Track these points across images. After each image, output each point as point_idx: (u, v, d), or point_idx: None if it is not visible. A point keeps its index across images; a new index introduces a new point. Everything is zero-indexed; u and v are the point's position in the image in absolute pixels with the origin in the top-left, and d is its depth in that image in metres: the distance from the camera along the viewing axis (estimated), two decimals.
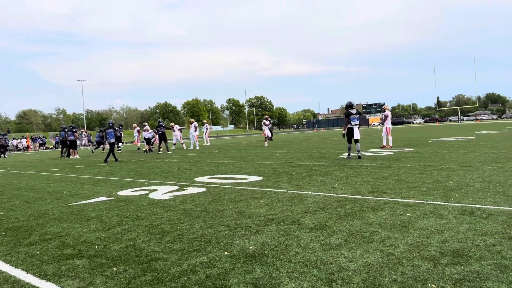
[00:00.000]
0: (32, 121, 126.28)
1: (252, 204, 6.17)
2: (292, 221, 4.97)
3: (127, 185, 9.22)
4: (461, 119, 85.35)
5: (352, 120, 12.46)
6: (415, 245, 3.79)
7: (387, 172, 8.83)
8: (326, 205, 5.77)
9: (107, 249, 4.20)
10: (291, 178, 8.78)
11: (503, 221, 4.42)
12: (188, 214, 5.68)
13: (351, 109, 12.58)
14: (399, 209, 5.26)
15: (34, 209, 6.75)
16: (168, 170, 12.18)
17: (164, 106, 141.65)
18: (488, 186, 6.53)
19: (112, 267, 3.62)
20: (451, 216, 4.76)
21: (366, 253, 3.66)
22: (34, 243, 4.60)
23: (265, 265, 3.49)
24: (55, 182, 10.56)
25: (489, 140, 17.82)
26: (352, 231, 4.39)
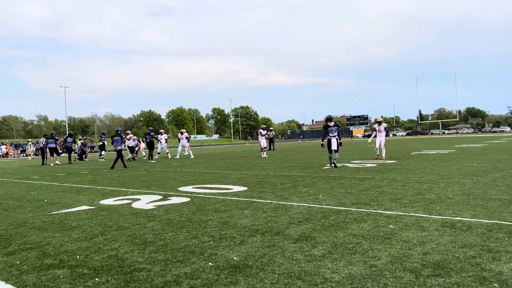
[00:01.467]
0: (13, 127, 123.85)
1: (236, 214, 6.17)
2: (277, 232, 4.99)
3: (109, 194, 9.11)
4: (442, 132, 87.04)
5: (330, 132, 13.65)
6: (398, 257, 3.84)
7: (370, 184, 8.94)
8: (310, 216, 5.80)
9: (89, 259, 4.14)
10: (275, 189, 8.81)
11: (482, 234, 4.52)
12: (171, 224, 5.64)
13: (330, 121, 13.72)
14: (382, 221, 5.33)
15: (13, 218, 6.61)
16: (151, 179, 12.08)
17: (148, 114, 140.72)
18: (468, 199, 6.67)
19: (94, 278, 3.57)
20: (432, 228, 4.84)
21: (349, 264, 3.69)
22: (14, 252, 4.50)
23: (249, 276, 3.49)
24: (35, 190, 10.36)
25: (469, 153, 18.21)
26: (335, 242, 4.43)
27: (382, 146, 16.13)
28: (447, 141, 36.74)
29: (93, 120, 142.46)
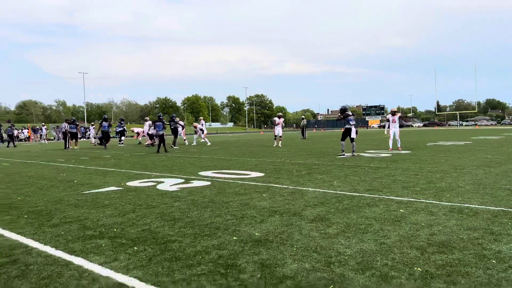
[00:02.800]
0: (32, 112, 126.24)
1: (255, 197, 6.58)
2: (294, 213, 5.38)
3: (134, 176, 9.61)
4: (460, 124, 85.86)
5: (350, 121, 13.83)
6: (406, 236, 4.19)
7: (383, 173, 9.24)
8: (325, 200, 6.17)
9: (125, 232, 4.60)
10: (291, 175, 9.18)
11: (488, 219, 4.83)
12: (196, 204, 6.08)
13: (347, 111, 14.07)
14: (393, 206, 5.67)
15: (50, 196, 7.14)
16: (172, 164, 12.58)
17: (164, 101, 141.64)
18: (478, 188, 6.94)
19: (132, 247, 4.02)
20: (440, 213, 5.17)
21: (361, 241, 4.06)
22: (57, 225, 5.00)
23: (270, 248, 3.89)
24: (64, 172, 10.94)
25: (485, 145, 18.25)
26: (349, 223, 4.80)
27: (397, 136, 16.25)
28: (464, 133, 36.49)
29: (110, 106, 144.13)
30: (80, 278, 3.24)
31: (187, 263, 3.54)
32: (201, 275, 3.26)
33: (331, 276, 3.18)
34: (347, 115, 13.92)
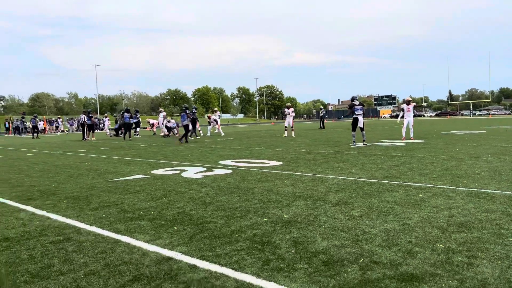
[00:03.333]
0: (45, 104, 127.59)
1: (278, 184, 6.87)
2: (317, 198, 5.66)
3: (157, 165, 9.97)
4: (473, 114, 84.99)
5: (356, 110, 14.14)
6: (426, 218, 4.46)
7: (400, 161, 9.46)
8: (345, 187, 6.45)
9: (162, 214, 4.94)
10: (309, 164, 9.46)
11: (504, 202, 5.07)
12: (223, 190, 6.40)
13: (354, 101, 14.29)
14: (412, 191, 5.92)
15: (82, 183, 7.53)
16: (191, 154, 12.93)
17: (175, 92, 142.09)
18: (494, 175, 7.14)
19: (172, 227, 4.35)
20: (458, 198, 5.41)
21: (384, 222, 4.34)
22: (96, 208, 5.36)
23: (300, 228, 4.19)
24: (88, 162, 11.36)
25: (499, 134, 18.28)
26: (371, 206, 5.07)
27: (411, 126, 16.30)
28: (477, 122, 36.29)
29: (121, 98, 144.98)
30: (131, 253, 3.57)
31: (226, 240, 3.85)
32: (241, 250, 3.57)
33: (360, 252, 3.47)
34: (353, 105, 14.19)
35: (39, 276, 3.11)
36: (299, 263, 3.24)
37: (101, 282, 2.96)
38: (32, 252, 3.67)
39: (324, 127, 31.78)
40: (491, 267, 3.06)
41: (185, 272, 3.11)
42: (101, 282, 2.97)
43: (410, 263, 3.18)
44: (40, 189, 7.02)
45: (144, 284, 2.92)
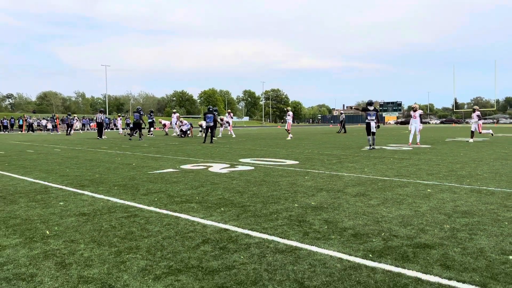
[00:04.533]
0: (52, 102, 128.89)
1: (299, 179, 7.65)
2: (338, 190, 6.44)
3: (183, 161, 10.77)
4: None
5: (369, 116, 14.70)
6: (435, 207, 5.22)
7: (408, 163, 10.22)
8: (361, 182, 7.21)
9: (206, 199, 5.73)
10: (324, 163, 10.22)
11: (503, 197, 5.82)
12: (251, 182, 7.18)
13: (370, 106, 14.76)
14: (421, 187, 6.68)
15: (122, 175, 8.33)
16: (210, 152, 13.73)
17: (181, 94, 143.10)
18: (495, 176, 7.89)
19: (219, 208, 5.14)
20: (462, 193, 6.17)
21: (399, 209, 5.11)
22: (147, 194, 6.16)
23: (328, 212, 4.96)
24: (116, 157, 12.18)
25: (503, 141, 18.98)
26: (386, 197, 5.84)
27: (417, 132, 17.00)
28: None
29: (128, 98, 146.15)
30: (193, 225, 4.36)
31: (268, 218, 4.64)
32: (282, 225, 4.35)
33: (381, 228, 4.24)
34: (366, 109, 14.78)
35: (127, 239, 3.90)
36: (332, 235, 4.01)
37: (179, 243, 3.75)
38: (110, 223, 4.47)
39: (345, 131, 32.40)
40: (487, 241, 3.82)
41: (242, 238, 3.90)
42: (179, 243, 3.76)
43: (422, 237, 3.94)
44: (86, 178, 7.83)
45: (213, 244, 3.71)
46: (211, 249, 3.60)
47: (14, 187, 6.85)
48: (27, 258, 3.38)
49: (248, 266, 3.19)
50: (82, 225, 4.38)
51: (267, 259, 3.34)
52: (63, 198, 5.85)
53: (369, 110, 14.72)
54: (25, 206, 5.34)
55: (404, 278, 2.96)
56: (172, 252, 3.51)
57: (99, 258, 3.38)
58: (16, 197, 6.00)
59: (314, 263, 3.26)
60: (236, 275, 3.02)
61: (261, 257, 3.39)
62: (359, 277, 2.98)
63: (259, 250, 3.58)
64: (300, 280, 2.92)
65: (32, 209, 5.16)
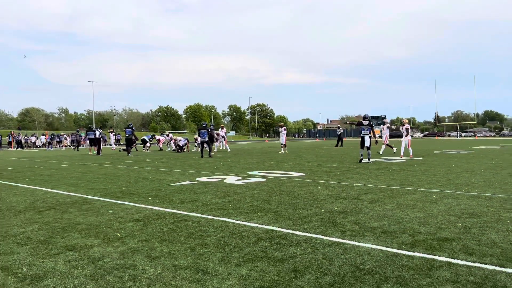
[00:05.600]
0: (35, 119, 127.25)
1: (314, 189, 8.32)
2: (353, 197, 7.13)
3: (195, 174, 11.34)
4: (459, 135, 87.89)
5: (363, 130, 15.25)
6: (444, 210, 5.95)
7: (407, 173, 11.01)
8: (371, 191, 7.93)
9: (239, 207, 6.34)
10: (329, 175, 10.94)
11: (500, 201, 6.60)
12: (271, 192, 7.83)
13: (364, 120, 15.35)
14: (427, 194, 7.43)
15: (146, 187, 8.87)
16: (215, 166, 14.32)
17: (166, 109, 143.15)
18: (489, 184, 8.71)
19: (256, 213, 5.77)
20: (464, 198, 6.93)
21: (413, 213, 5.82)
22: (183, 203, 6.74)
23: (353, 215, 5.64)
24: (129, 171, 12.67)
25: (488, 153, 20.06)
26: (399, 203, 6.56)
27: (408, 146, 17.87)
28: (465, 143, 38.31)
29: (112, 114, 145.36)
30: (241, 227, 4.98)
31: (303, 221, 5.29)
32: (319, 226, 5.01)
33: (404, 227, 4.93)
34: (361, 124, 15.42)
35: (191, 238, 4.50)
36: (365, 233, 4.68)
37: (238, 240, 4.37)
38: (168, 227, 5.05)
39: (342, 145, 33.22)
40: (497, 235, 4.54)
41: (290, 236, 4.54)
42: (238, 240, 4.38)
43: (441, 233, 4.65)
44: (115, 190, 8.36)
45: (268, 241, 4.33)
46: (269, 244, 4.23)
47: (54, 199, 7.35)
48: (118, 253, 3.95)
49: (307, 256, 3.83)
50: (144, 228, 4.96)
51: (320, 251, 3.99)
52: (108, 208, 6.40)
53: (363, 125, 15.42)
54: (79, 215, 5.88)
55: (438, 262, 3.65)
56: (238, 247, 4.13)
57: (179, 252, 3.97)
58: (64, 207, 6.52)
59: (360, 253, 3.93)
60: (301, 261, 3.66)
61: (314, 249, 4.03)
62: (401, 261, 3.66)
63: (309, 244, 4.22)
64: (354, 265, 3.58)
65: (88, 217, 5.70)
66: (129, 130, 23.69)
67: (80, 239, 4.50)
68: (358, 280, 3.22)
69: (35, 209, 6.37)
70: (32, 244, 4.31)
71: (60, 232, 4.85)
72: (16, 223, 5.37)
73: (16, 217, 5.78)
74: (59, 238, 4.54)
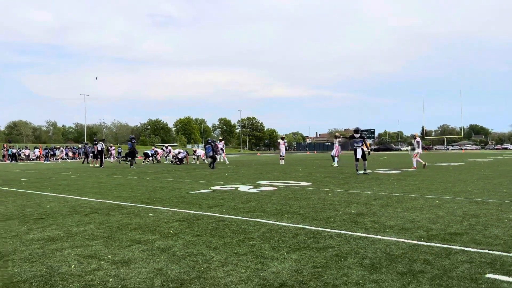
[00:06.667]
0: (22, 132, 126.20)
1: (325, 196, 9.03)
2: (364, 203, 7.86)
3: (208, 184, 11.98)
4: (447, 148, 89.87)
5: (355, 143, 15.95)
6: (448, 212, 6.71)
7: (406, 182, 11.81)
8: (378, 197, 8.67)
9: (265, 210, 7.01)
10: (334, 184, 11.67)
11: (496, 205, 7.39)
12: (288, 198, 8.51)
13: (356, 133, 16.04)
14: (430, 200, 8.20)
15: (169, 194, 9.49)
16: (223, 176, 14.96)
17: (156, 122, 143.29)
18: (483, 191, 9.53)
19: (283, 215, 6.45)
20: (464, 203, 7.71)
21: (422, 214, 6.56)
22: (211, 207, 7.39)
23: (369, 217, 6.36)
24: (141, 182, 13.25)
25: (477, 165, 21.07)
26: (407, 207, 7.30)
27: (414, 156, 18.94)
28: (454, 156, 39.56)
29: (101, 127, 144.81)
30: (274, 225, 5.65)
31: (328, 221, 5.98)
32: (343, 225, 5.71)
33: (418, 226, 5.66)
34: (352, 137, 16.14)
35: (236, 233, 5.16)
36: (386, 230, 5.40)
37: (279, 235, 5.05)
38: (210, 225, 5.70)
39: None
40: (498, 230, 5.30)
41: (321, 232, 5.23)
42: (278, 235, 5.06)
43: (450, 230, 5.39)
44: (141, 197, 8.96)
45: (304, 236, 5.02)
46: (306, 238, 4.92)
47: (90, 205, 7.94)
48: (180, 245, 4.60)
49: (343, 246, 4.53)
50: (190, 227, 5.61)
51: (352, 242, 4.69)
52: (146, 212, 7.02)
53: (355, 138, 16.04)
54: (124, 217, 6.49)
55: (453, 250, 4.37)
56: (281, 240, 4.81)
57: (232, 243, 4.64)
58: (105, 211, 7.12)
59: (387, 243, 4.64)
60: (340, 250, 4.36)
61: (347, 242, 4.74)
62: (423, 249, 4.38)
63: (341, 238, 4.92)
64: (385, 251, 4.29)
65: (133, 219, 6.32)
66: (130, 143, 24.31)
67: (140, 235, 5.13)
68: (392, 262, 3.93)
69: (78, 213, 6.96)
70: (101, 239, 4.93)
71: (117, 230, 5.47)
72: (71, 224, 5.97)
73: (68, 219, 6.37)
74: (121, 235, 5.17)
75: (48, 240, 4.96)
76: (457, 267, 3.76)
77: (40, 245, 4.70)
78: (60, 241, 4.87)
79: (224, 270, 3.69)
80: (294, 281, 3.40)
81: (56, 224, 5.98)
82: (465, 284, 3.32)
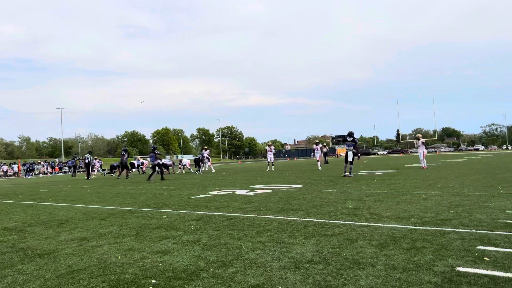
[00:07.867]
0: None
1: (321, 195, 9.66)
2: (358, 199, 8.52)
3: (204, 190, 12.44)
4: None
5: (347, 146, 16.70)
6: (436, 203, 7.43)
7: (390, 181, 12.58)
8: (369, 194, 9.35)
9: (269, 208, 7.57)
10: (325, 185, 12.33)
11: (476, 197, 8.18)
12: (286, 198, 9.09)
13: (349, 137, 16.81)
14: (416, 195, 8.94)
15: (171, 200, 9.92)
16: (214, 182, 15.43)
17: (133, 134, 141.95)
18: (463, 186, 10.36)
19: (288, 212, 7.03)
20: (447, 196, 8.47)
21: (413, 206, 7.25)
22: (219, 208, 7.89)
23: (366, 210, 7.00)
24: (138, 191, 13.59)
25: (453, 165, 22.20)
26: (398, 201, 8.00)
27: (423, 157, 20.16)
28: (430, 158, 41.05)
29: (76, 141, 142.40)
30: (285, 220, 6.22)
31: (331, 215, 6.59)
32: (346, 216, 6.33)
33: (412, 214, 6.34)
34: (345, 140, 17.09)
35: (252, 227, 5.70)
36: (384, 219, 6.05)
37: (291, 227, 5.62)
38: (224, 223, 6.22)
39: (327, 162, 34.81)
40: (481, 215, 6.02)
41: (327, 223, 5.83)
42: (291, 227, 5.63)
43: (441, 217, 6.08)
44: (146, 203, 9.37)
45: (314, 226, 5.60)
46: (316, 228, 5.51)
47: (100, 211, 8.32)
48: (207, 237, 5.11)
49: (351, 232, 5.14)
50: (208, 224, 6.12)
51: (358, 230, 5.31)
52: (159, 214, 7.47)
53: (347, 141, 17.07)
54: (141, 219, 6.93)
55: (446, 231, 5.04)
56: (294, 230, 5.38)
57: (251, 234, 5.18)
58: (119, 215, 7.53)
59: (388, 229, 5.28)
60: (349, 235, 4.96)
61: (353, 229, 5.35)
62: (420, 232, 5.03)
63: (347, 227, 5.54)
64: (389, 235, 4.92)
65: (149, 220, 6.78)
66: (126, 154, 24.53)
67: (165, 232, 5.61)
68: (397, 241, 4.56)
69: (95, 218, 7.36)
70: (130, 237, 5.39)
71: (141, 229, 5.93)
72: (95, 227, 6.39)
73: (88, 223, 6.78)
74: (147, 232, 5.64)
75: (81, 239, 5.38)
76: (452, 242, 4.43)
77: (77, 243, 5.13)
78: (93, 240, 5.31)
79: (255, 254, 4.24)
80: (319, 258, 3.98)
81: (80, 227, 6.38)
82: (461, 253, 3.98)
